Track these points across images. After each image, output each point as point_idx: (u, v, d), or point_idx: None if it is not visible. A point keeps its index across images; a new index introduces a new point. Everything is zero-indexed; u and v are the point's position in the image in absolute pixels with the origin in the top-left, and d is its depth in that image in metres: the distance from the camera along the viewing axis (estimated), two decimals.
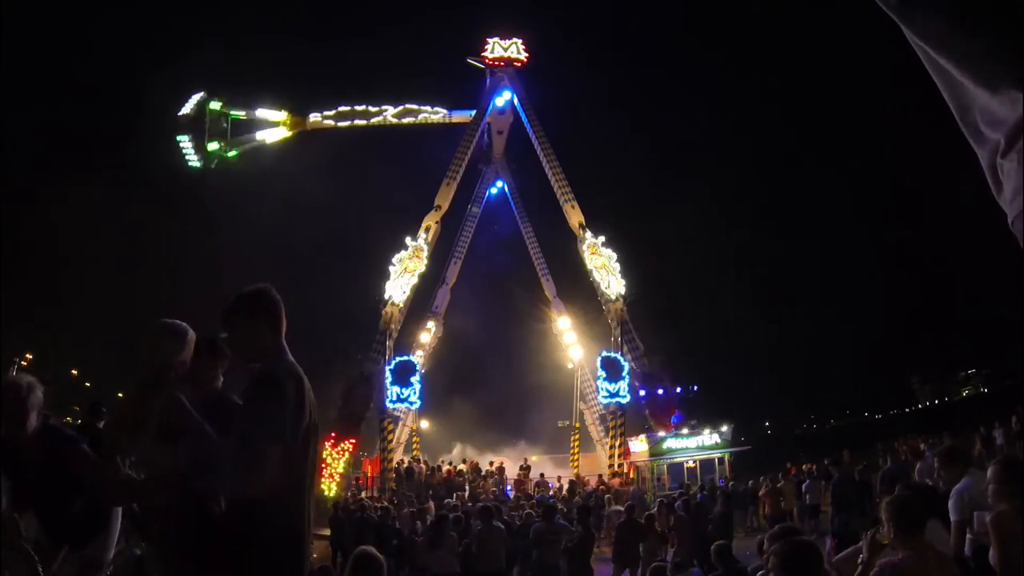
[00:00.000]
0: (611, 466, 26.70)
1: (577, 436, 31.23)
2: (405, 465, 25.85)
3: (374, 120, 33.89)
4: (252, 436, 2.32)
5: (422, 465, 26.14)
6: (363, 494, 22.38)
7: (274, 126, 34.15)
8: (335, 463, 25.29)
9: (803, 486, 15.60)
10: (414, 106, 34.02)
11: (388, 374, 26.41)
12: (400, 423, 28.74)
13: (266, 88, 37.67)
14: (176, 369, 2.79)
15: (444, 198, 31.82)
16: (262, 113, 34.11)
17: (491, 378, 36.54)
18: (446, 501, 16.62)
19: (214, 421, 2.54)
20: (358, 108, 33.80)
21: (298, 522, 2.48)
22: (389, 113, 33.76)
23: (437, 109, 34.23)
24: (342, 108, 33.90)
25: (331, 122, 34.03)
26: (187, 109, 31.79)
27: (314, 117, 34.07)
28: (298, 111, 34.35)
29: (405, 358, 27.37)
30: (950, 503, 4.33)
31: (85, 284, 55.21)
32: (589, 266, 30.22)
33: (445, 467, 25.74)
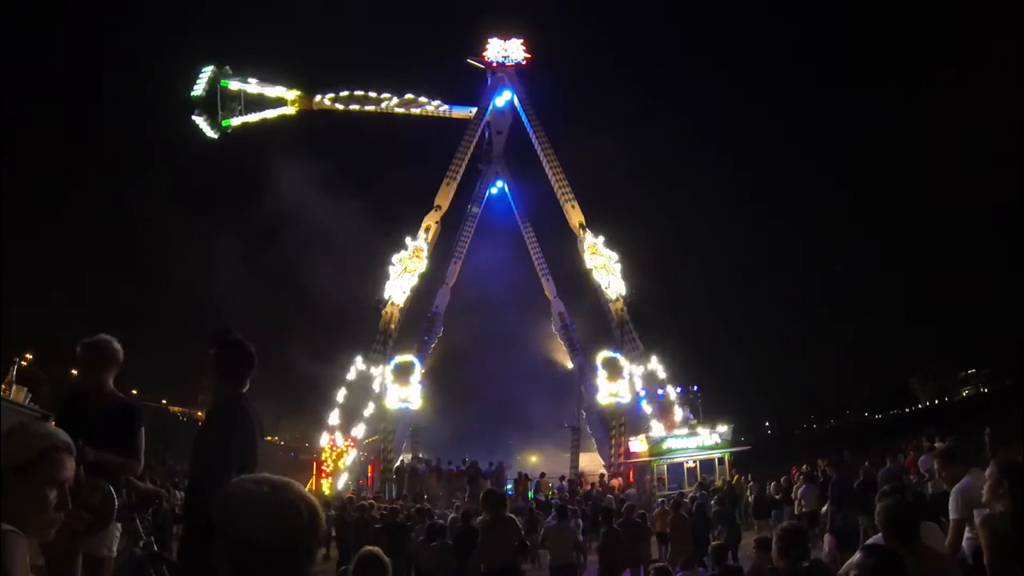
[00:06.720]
0: (611, 466, 26.70)
1: (577, 436, 31.23)
2: (406, 465, 25.86)
3: (377, 107, 33.74)
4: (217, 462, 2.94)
5: (423, 465, 26.14)
6: (363, 494, 22.38)
7: (280, 104, 33.75)
8: (339, 462, 25.42)
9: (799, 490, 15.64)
10: (413, 96, 34.11)
11: (388, 374, 26.47)
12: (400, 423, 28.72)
13: (267, 65, 36.70)
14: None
15: (444, 198, 31.81)
16: (272, 91, 33.68)
17: (491, 378, 36.49)
18: (454, 504, 16.62)
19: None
20: (359, 94, 33.74)
21: None
22: (392, 101, 33.80)
23: (437, 102, 34.27)
24: (344, 93, 33.81)
25: (339, 105, 33.77)
26: (200, 89, 31.66)
27: (319, 98, 33.73)
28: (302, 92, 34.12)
29: (405, 358, 27.39)
30: (950, 502, 4.33)
31: (85, 283, 55.33)
32: (589, 266, 30.22)
33: (445, 467, 25.74)
